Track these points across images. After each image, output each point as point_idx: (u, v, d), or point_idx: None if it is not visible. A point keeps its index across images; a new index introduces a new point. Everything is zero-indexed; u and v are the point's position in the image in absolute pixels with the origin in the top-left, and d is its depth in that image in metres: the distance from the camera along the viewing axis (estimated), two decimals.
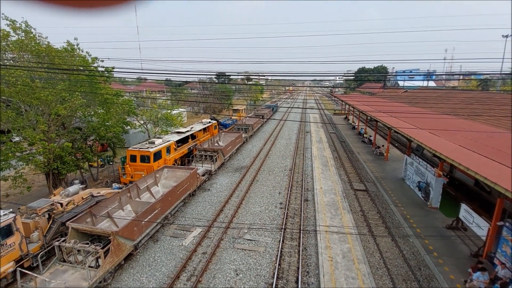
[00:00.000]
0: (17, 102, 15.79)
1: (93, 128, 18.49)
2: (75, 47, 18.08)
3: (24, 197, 16.46)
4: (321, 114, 56.72)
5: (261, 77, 79.14)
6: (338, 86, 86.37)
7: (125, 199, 13.81)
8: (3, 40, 15.70)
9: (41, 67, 16.24)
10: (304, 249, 12.14)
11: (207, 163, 20.98)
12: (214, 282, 10.19)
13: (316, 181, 19.55)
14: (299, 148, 29.21)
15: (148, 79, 58.63)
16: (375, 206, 16.28)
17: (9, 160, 14.46)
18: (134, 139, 29.07)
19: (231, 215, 14.87)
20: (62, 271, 9.60)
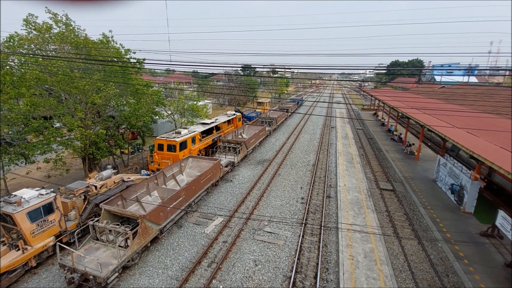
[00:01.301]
0: (58, 91, 17.04)
1: (125, 117, 19.49)
2: (110, 39, 19.01)
3: (63, 178, 17.89)
4: (348, 109, 54.87)
5: (286, 70, 78.03)
6: (368, 80, 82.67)
7: (152, 185, 14.49)
8: (46, 32, 16.90)
9: (79, 58, 17.33)
10: (324, 246, 12.01)
11: (230, 155, 21.30)
12: (234, 270, 10.45)
13: (340, 178, 19.10)
14: (323, 143, 28.61)
15: (176, 71, 60.29)
16: (402, 207, 15.60)
17: (51, 144, 15.76)
18: (162, 129, 30.23)
19: (252, 207, 15.05)
20: (95, 248, 10.39)
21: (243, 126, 28.61)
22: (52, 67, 16.02)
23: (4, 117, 15.04)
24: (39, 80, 15.78)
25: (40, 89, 16.63)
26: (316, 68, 14.51)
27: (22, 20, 16.43)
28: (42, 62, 16.38)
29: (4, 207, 9.80)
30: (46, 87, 16.98)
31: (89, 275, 9.04)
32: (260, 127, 27.96)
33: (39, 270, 10.51)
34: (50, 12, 16.85)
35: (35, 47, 17.21)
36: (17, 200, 9.94)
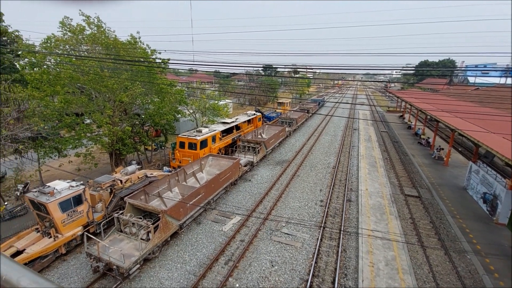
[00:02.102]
0: (89, 89, 18.02)
1: (149, 115, 20.21)
2: (138, 40, 19.80)
3: (92, 172, 18.90)
4: (372, 111, 53.07)
5: (308, 70, 76.97)
6: (395, 81, 79.38)
7: (173, 182, 14.90)
8: (79, 34, 17.94)
9: (109, 58, 18.21)
10: (344, 251, 11.69)
11: (249, 154, 21.39)
12: (250, 269, 10.47)
13: (362, 181, 18.50)
14: (345, 145, 27.87)
15: (198, 71, 61.64)
16: (428, 214, 14.81)
17: (82, 139, 16.72)
18: (184, 127, 30.98)
19: (269, 207, 15.00)
20: (119, 239, 10.86)
21: (263, 126, 28.61)
22: (84, 66, 16.99)
23: (41, 113, 16.17)
24: (72, 78, 16.79)
25: (73, 87, 17.68)
26: (339, 68, 14.16)
27: (59, 22, 17.56)
28: (76, 62, 17.42)
29: (39, 196, 10.53)
30: (79, 86, 18.03)
31: (113, 265, 9.47)
32: (280, 127, 27.80)
33: (68, 257, 11.18)
34: (84, 15, 17.86)
35: (69, 48, 18.34)
36: (50, 191, 10.64)
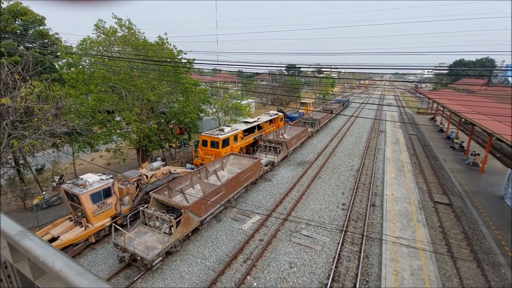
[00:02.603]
0: (120, 88, 18.98)
1: (174, 113, 20.88)
2: (165, 41, 20.53)
3: (120, 166, 19.91)
4: (400, 113, 50.72)
5: (333, 70, 75.22)
6: (426, 81, 75.20)
7: (195, 179, 15.27)
8: (112, 35, 18.95)
9: (138, 59, 19.06)
10: (366, 257, 11.29)
11: (270, 154, 21.34)
12: (268, 269, 10.45)
13: (387, 186, 17.75)
14: (370, 148, 26.89)
15: (222, 70, 62.65)
16: (459, 224, 13.86)
17: (112, 136, 17.67)
18: (207, 126, 31.63)
19: (289, 208, 14.87)
20: (143, 232, 11.34)
21: (285, 126, 28.41)
22: (115, 67, 17.93)
23: (76, 110, 17.32)
24: (105, 78, 17.80)
25: (105, 86, 18.73)
26: (366, 68, 13.69)
27: (93, 25, 18.67)
28: (108, 62, 18.44)
29: (73, 188, 11.28)
30: (110, 85, 19.06)
31: (137, 256, 9.91)
32: (302, 128, 27.46)
33: (97, 246, 11.87)
34: (116, 17, 18.85)
35: (102, 49, 19.45)
36: (83, 183, 11.35)
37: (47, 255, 0.85)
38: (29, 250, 0.89)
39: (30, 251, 0.89)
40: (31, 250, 0.88)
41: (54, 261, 0.82)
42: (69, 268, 0.79)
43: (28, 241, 0.91)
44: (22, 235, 0.95)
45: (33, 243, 0.90)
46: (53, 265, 0.81)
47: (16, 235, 0.95)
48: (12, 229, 0.99)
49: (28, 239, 0.92)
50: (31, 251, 0.88)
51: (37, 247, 0.88)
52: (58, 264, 0.80)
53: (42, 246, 0.88)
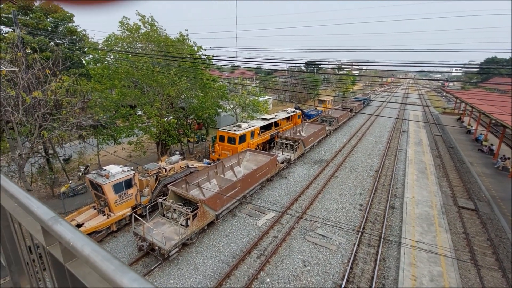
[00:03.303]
0: (142, 84, 19.58)
1: (193, 109, 21.26)
2: (185, 37, 20.86)
3: (141, 159, 20.62)
4: (424, 112, 48.57)
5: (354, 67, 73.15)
6: (454, 79, 71.31)
7: (212, 173, 15.51)
8: (135, 32, 19.52)
9: (160, 55, 19.53)
10: (383, 260, 11.01)
11: (287, 152, 21.23)
12: (282, 266, 10.47)
13: (408, 188, 17.12)
14: (391, 148, 26.01)
15: (240, 67, 62.79)
16: (485, 231, 13.14)
17: (134, 129, 18.31)
18: (224, 121, 31.94)
19: (305, 207, 14.76)
20: (161, 223, 11.72)
21: (302, 124, 28.10)
22: (138, 62, 18.50)
23: (101, 104, 18.08)
24: (128, 73, 18.42)
25: (128, 81, 19.39)
26: (389, 65, 13.19)
27: (118, 22, 19.31)
28: (131, 58, 19.06)
29: (97, 178, 11.84)
30: (133, 80, 19.71)
31: (155, 246, 10.27)
32: (320, 125, 27.03)
33: (118, 234, 12.42)
34: (139, 14, 19.38)
35: (126, 45, 20.11)
36: (106, 174, 11.88)
37: (77, 240, 0.90)
38: (61, 235, 0.95)
39: (61, 235, 0.95)
40: (63, 234, 0.94)
41: (83, 246, 0.87)
42: (97, 253, 0.83)
43: (60, 226, 0.98)
44: (54, 220, 1.01)
45: (64, 229, 0.96)
46: (83, 250, 0.86)
47: (49, 220, 1.02)
48: (46, 214, 1.06)
49: (60, 225, 0.98)
50: (63, 236, 0.94)
51: (68, 232, 0.94)
52: (87, 249, 0.85)
53: (73, 232, 0.94)
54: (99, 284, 0.93)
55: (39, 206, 1.12)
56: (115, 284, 0.74)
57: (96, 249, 0.85)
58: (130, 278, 0.73)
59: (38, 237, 1.16)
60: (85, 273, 0.97)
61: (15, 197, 1.25)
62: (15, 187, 1.31)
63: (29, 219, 1.33)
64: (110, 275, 0.76)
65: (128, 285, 0.72)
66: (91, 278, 0.95)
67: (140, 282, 0.72)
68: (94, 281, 0.94)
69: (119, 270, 0.76)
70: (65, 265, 1.02)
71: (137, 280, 0.72)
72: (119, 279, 0.74)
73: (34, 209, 1.11)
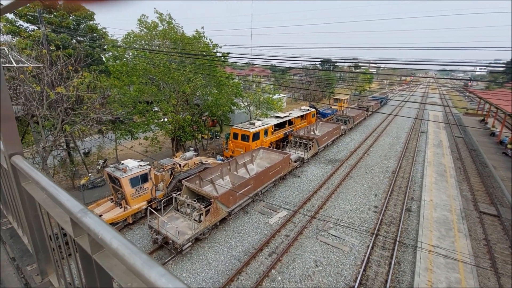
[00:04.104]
0: (158, 80, 19.96)
1: (207, 106, 21.47)
2: (202, 34, 21.04)
3: (156, 154, 21.09)
4: (445, 113, 46.74)
5: (371, 65, 71.31)
6: (477, 79, 68.06)
7: (225, 170, 15.64)
8: (153, 30, 19.89)
9: (176, 52, 19.82)
10: (397, 263, 10.74)
11: (300, 150, 21.05)
12: (293, 265, 10.44)
13: (426, 191, 16.57)
14: (409, 149, 25.23)
15: (255, 64, 62.66)
16: (507, 238, 12.53)
17: (150, 125, 18.74)
18: (238, 119, 32.04)
19: (318, 206, 14.61)
20: (175, 217, 11.96)
21: (317, 123, 27.76)
22: (156, 60, 18.86)
23: (119, 100, 18.60)
24: (146, 70, 18.83)
25: (145, 78, 19.83)
26: (408, 63, 12.76)
27: (137, 20, 19.73)
28: (149, 55, 19.45)
29: (115, 171, 12.22)
30: (150, 77, 20.14)
31: (169, 239, 10.50)
32: (334, 125, 26.60)
33: (133, 227, 12.79)
34: (157, 12, 19.72)
35: (144, 43, 20.54)
36: (124, 168, 12.24)
37: (106, 233, 0.93)
38: (90, 227, 0.98)
39: (90, 227, 0.98)
40: (91, 227, 0.98)
41: (111, 239, 0.89)
42: (125, 247, 0.86)
43: (89, 219, 1.01)
44: (83, 213, 1.05)
45: (93, 221, 0.99)
46: (111, 243, 0.89)
47: (78, 213, 1.06)
48: (75, 207, 1.10)
49: (88, 217, 1.02)
50: (91, 228, 0.97)
51: (96, 225, 0.97)
52: (115, 242, 0.88)
53: (101, 225, 0.97)
54: (125, 276, 0.95)
55: (69, 198, 1.16)
56: (143, 278, 0.76)
57: (125, 243, 0.87)
58: (158, 272, 0.74)
59: (67, 228, 1.21)
60: (111, 265, 1.00)
61: (46, 189, 1.31)
62: (46, 180, 1.37)
63: (58, 210, 1.39)
64: (138, 268, 0.78)
65: (156, 279, 0.73)
66: (117, 270, 0.98)
67: (168, 278, 0.73)
68: (120, 273, 0.97)
69: (147, 264, 0.77)
70: (93, 256, 1.06)
71: (165, 275, 0.74)
72: (147, 273, 0.75)
73: (64, 201, 1.16)
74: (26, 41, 18.09)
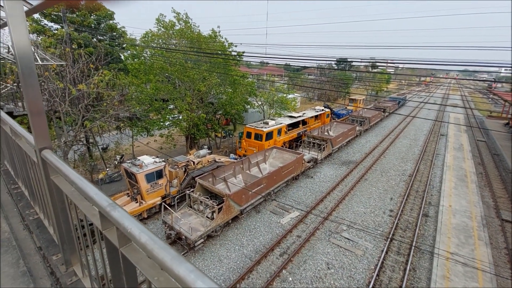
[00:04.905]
0: (174, 79, 20.30)
1: (222, 104, 21.64)
2: (217, 34, 21.20)
3: (171, 151, 21.47)
4: (467, 115, 44.86)
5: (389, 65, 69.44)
6: (502, 80, 64.78)
7: (238, 169, 15.71)
8: (170, 29, 20.22)
9: (192, 51, 20.07)
10: (413, 270, 10.43)
11: (314, 151, 20.83)
12: (305, 266, 10.36)
13: (445, 196, 15.98)
14: (427, 152, 24.41)
15: (269, 63, 62.48)
16: None
17: (165, 122, 19.11)
18: (251, 118, 32.09)
19: (331, 208, 14.42)
20: (188, 214, 12.15)
21: (331, 123, 27.36)
22: (172, 58, 19.19)
23: (137, 98, 19.08)
24: (162, 69, 19.19)
25: (162, 76, 20.22)
26: (428, 63, 12.33)
27: (155, 19, 20.13)
28: (166, 54, 19.81)
29: (131, 167, 12.55)
30: (166, 75, 20.51)
31: (182, 235, 10.68)
32: (349, 125, 26.12)
33: (148, 221, 13.10)
34: (175, 11, 20.04)
35: (161, 42, 20.94)
36: (140, 163, 12.55)
37: (135, 227, 0.95)
38: (119, 221, 1.01)
39: (119, 221, 1.01)
40: (121, 221, 1.00)
41: (140, 233, 0.92)
42: (153, 242, 0.87)
43: (117, 213, 1.04)
44: (112, 207, 1.08)
45: (122, 215, 1.02)
46: (140, 237, 0.91)
47: (107, 207, 1.09)
48: (104, 201, 1.14)
49: (117, 211, 1.05)
50: (121, 222, 1.00)
51: (125, 219, 1.00)
52: (144, 237, 0.90)
53: (130, 219, 1.00)
54: (151, 270, 0.97)
55: (97, 192, 1.20)
56: (171, 273, 0.77)
57: (153, 238, 0.89)
58: (187, 268, 0.75)
59: (95, 221, 1.25)
60: (137, 258, 1.03)
61: (75, 183, 1.36)
62: (75, 174, 1.42)
63: (85, 204, 1.44)
64: (167, 263, 0.79)
65: (185, 275, 0.74)
66: (143, 263, 1.01)
67: (196, 274, 0.74)
68: (146, 267, 0.99)
69: (175, 259, 0.79)
70: (120, 249, 1.09)
71: (194, 271, 0.74)
72: (176, 268, 0.76)
73: (93, 195, 1.20)
74: (50, 40, 18.88)
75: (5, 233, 2.55)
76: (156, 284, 0.89)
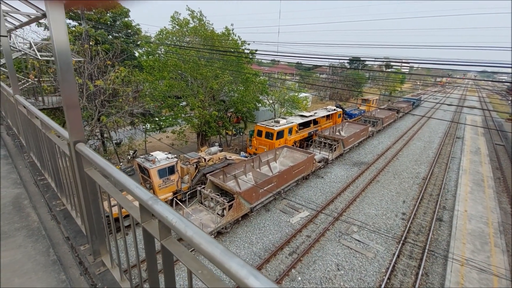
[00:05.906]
0: (187, 76, 20.49)
1: (233, 102, 21.70)
2: (231, 32, 21.24)
3: (182, 148, 21.73)
4: (485, 118, 43.38)
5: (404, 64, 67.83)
6: None
7: (248, 167, 15.75)
8: (184, 26, 20.39)
9: (206, 49, 20.20)
10: (425, 275, 10.22)
11: (325, 151, 20.63)
12: (314, 267, 10.32)
13: (460, 201, 15.54)
14: (442, 155, 23.78)
15: (281, 62, 62.08)
16: None
17: (178, 119, 19.35)
18: (262, 116, 32.04)
19: (341, 209, 14.27)
20: (199, 210, 12.29)
21: (343, 123, 27.02)
22: (186, 56, 19.37)
23: (151, 94, 19.37)
24: (176, 66, 19.40)
25: (175, 73, 20.45)
26: (444, 63, 11.98)
27: (170, 17, 20.34)
28: (179, 51, 20.02)
29: (144, 162, 12.79)
30: (179, 72, 20.73)
31: None
32: (362, 126, 25.73)
33: None
34: (189, 9, 20.19)
35: (176, 39, 21.16)
36: (153, 159, 12.77)
37: (179, 221, 0.97)
38: (162, 214, 1.03)
39: (162, 215, 1.03)
40: (164, 214, 1.03)
41: (186, 227, 0.93)
42: (200, 236, 0.89)
43: (160, 207, 1.07)
44: (154, 200, 1.11)
45: (164, 209, 1.05)
46: (186, 231, 0.93)
47: (149, 200, 1.12)
48: (144, 194, 1.16)
49: (160, 205, 1.07)
50: (164, 215, 1.03)
51: (168, 213, 1.02)
52: (190, 231, 0.92)
53: (173, 213, 1.02)
54: (193, 263, 0.99)
55: (137, 186, 1.23)
56: (222, 267, 0.79)
57: (198, 232, 0.90)
58: (238, 263, 0.77)
59: (133, 213, 1.29)
60: (179, 251, 1.05)
61: (112, 175, 1.40)
62: (111, 167, 1.46)
63: (121, 196, 1.48)
64: (217, 258, 0.80)
65: (237, 270, 0.75)
66: (185, 257, 1.03)
67: (248, 269, 0.75)
68: (188, 260, 1.01)
69: (225, 254, 0.80)
70: (161, 241, 1.12)
71: (245, 266, 0.76)
72: (227, 263, 0.78)
73: (133, 188, 1.23)
74: (69, 37, 19.39)
75: (35, 223, 2.65)
76: (200, 277, 0.91)
